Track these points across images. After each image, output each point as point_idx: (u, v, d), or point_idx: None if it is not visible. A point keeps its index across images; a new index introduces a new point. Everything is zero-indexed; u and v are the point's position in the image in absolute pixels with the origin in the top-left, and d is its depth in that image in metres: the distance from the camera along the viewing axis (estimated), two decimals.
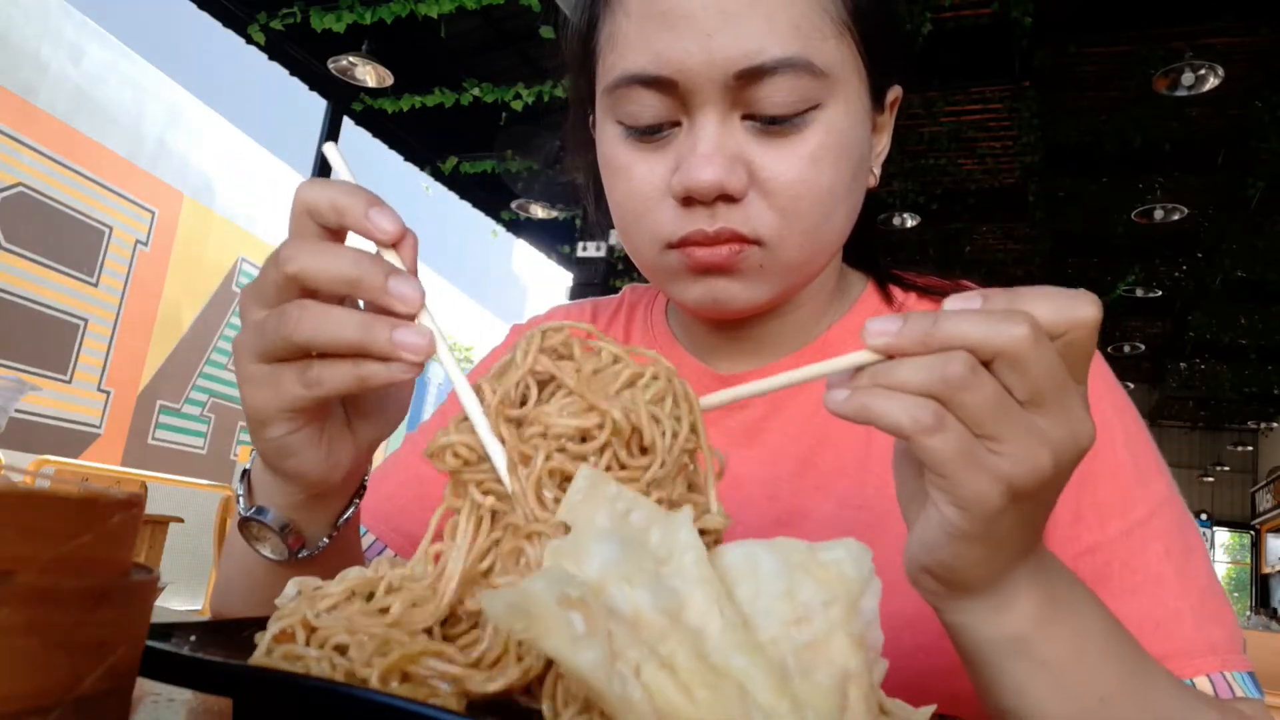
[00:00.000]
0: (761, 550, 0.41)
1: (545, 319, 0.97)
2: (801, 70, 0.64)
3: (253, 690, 0.37)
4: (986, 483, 0.43)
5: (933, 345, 0.43)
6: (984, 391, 0.42)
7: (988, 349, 0.42)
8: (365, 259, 0.51)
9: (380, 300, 0.51)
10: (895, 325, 0.43)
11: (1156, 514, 0.68)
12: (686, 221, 0.67)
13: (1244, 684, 0.62)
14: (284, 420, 0.55)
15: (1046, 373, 0.42)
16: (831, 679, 0.38)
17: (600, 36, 0.71)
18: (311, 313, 0.51)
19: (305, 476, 0.59)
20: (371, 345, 0.50)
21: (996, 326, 0.42)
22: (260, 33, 5.64)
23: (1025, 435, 0.43)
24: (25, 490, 0.26)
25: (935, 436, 0.42)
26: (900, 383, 0.43)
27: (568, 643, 0.32)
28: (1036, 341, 0.42)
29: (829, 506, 0.75)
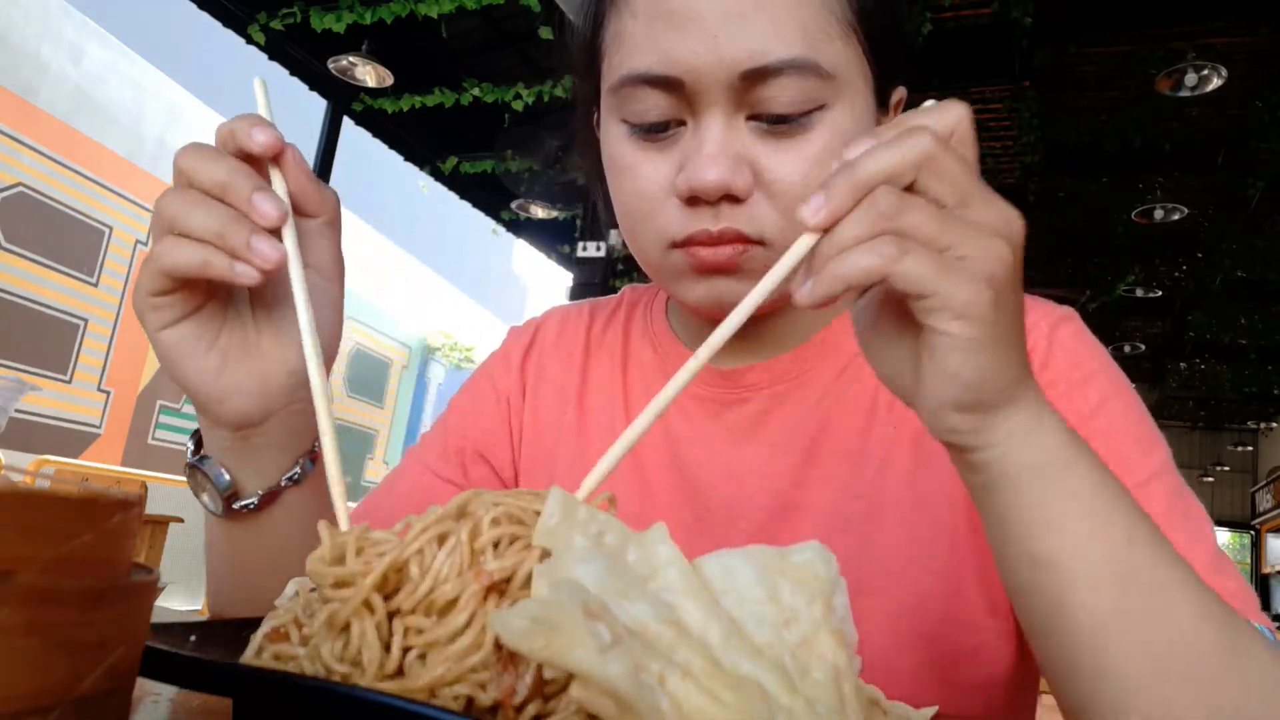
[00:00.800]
0: (735, 560, 0.41)
1: (542, 320, 0.97)
2: (807, 71, 0.64)
3: (253, 690, 0.37)
4: (970, 283, 0.44)
5: (860, 191, 0.45)
6: (920, 208, 0.44)
7: (907, 169, 0.45)
8: (239, 168, 0.56)
9: (243, 208, 0.55)
10: (821, 196, 0.45)
11: (1156, 478, 0.67)
12: (691, 221, 0.68)
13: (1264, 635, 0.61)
14: (153, 308, 0.59)
15: (960, 171, 0.45)
16: (826, 675, 0.38)
17: (606, 36, 0.72)
18: (185, 196, 0.56)
19: (198, 392, 0.61)
20: (226, 238, 0.54)
21: (903, 147, 0.45)
22: (260, 33, 5.64)
23: (974, 231, 0.45)
24: (25, 490, 0.26)
25: (907, 259, 0.43)
26: (849, 239, 0.44)
27: (596, 654, 0.30)
28: (939, 144, 0.45)
29: (828, 497, 0.75)
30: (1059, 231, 7.65)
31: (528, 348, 0.94)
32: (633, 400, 0.86)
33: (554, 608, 0.31)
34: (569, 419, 0.88)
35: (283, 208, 0.56)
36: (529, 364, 0.93)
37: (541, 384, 0.91)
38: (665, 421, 0.83)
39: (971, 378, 0.46)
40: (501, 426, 0.91)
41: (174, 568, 6.65)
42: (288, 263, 0.55)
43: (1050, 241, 7.78)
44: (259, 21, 5.59)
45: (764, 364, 0.80)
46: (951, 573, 0.72)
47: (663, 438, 0.83)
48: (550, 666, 0.32)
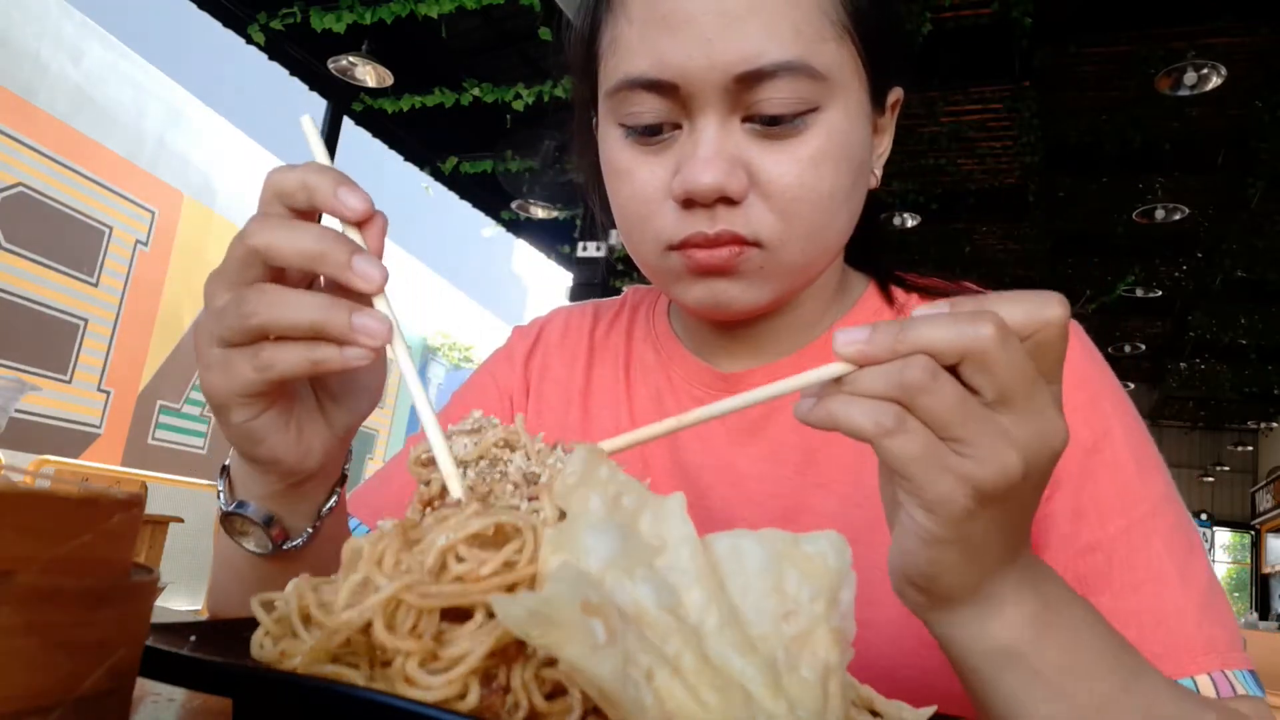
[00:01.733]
0: (748, 542, 0.41)
1: (546, 321, 0.97)
2: (801, 73, 0.64)
3: (253, 690, 0.37)
4: (951, 483, 0.43)
5: (900, 350, 0.43)
6: (944, 393, 0.42)
7: (953, 351, 0.42)
8: (330, 235, 0.51)
9: (343, 276, 0.50)
10: (864, 334, 0.44)
11: (1157, 511, 0.67)
12: (687, 224, 0.68)
13: (1245, 682, 0.62)
14: (242, 405, 0.55)
15: (1013, 373, 0.43)
16: (814, 673, 0.38)
17: (603, 40, 0.72)
18: (270, 295, 0.51)
19: (279, 464, 0.59)
20: (329, 327, 0.50)
21: (961, 329, 0.42)
22: (260, 33, 5.64)
23: (991, 436, 0.43)
24: (25, 490, 0.26)
25: (896, 439, 0.43)
26: (863, 388, 0.44)
27: (589, 652, 0.31)
28: (1002, 341, 0.42)
29: (830, 503, 0.75)
30: (1059, 231, 7.65)
31: (531, 347, 0.94)
32: (636, 402, 0.86)
33: (553, 603, 0.32)
34: (573, 420, 0.88)
35: (384, 268, 0.51)
36: (533, 363, 0.93)
37: (545, 384, 0.92)
38: None
39: (925, 568, 0.47)
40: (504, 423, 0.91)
41: (174, 568, 6.66)
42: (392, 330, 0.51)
43: (1050, 241, 7.78)
44: (259, 21, 5.59)
45: (765, 367, 0.80)
46: None
47: (665, 440, 0.83)
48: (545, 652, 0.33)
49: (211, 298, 0.54)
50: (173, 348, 8.06)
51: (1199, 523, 16.95)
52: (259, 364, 0.52)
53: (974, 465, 0.43)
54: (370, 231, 0.54)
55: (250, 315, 0.51)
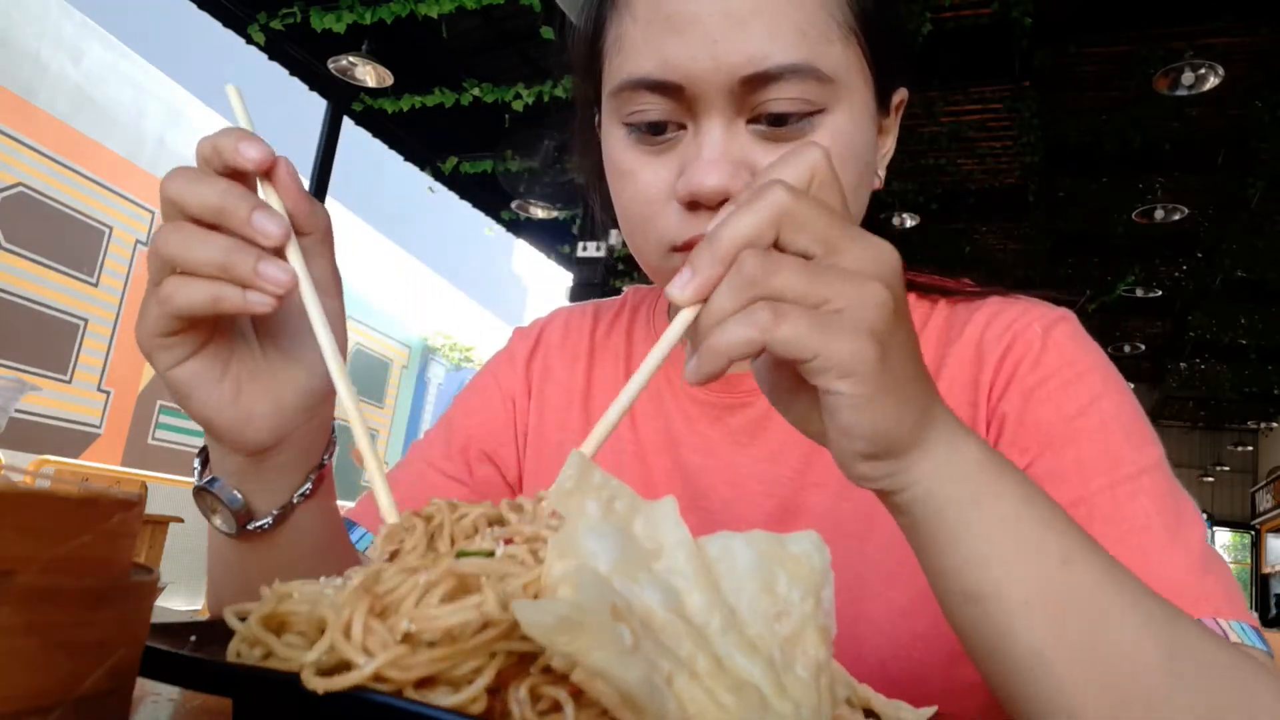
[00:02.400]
0: (737, 543, 0.41)
1: (547, 322, 0.97)
2: (807, 76, 0.64)
3: (253, 690, 0.37)
4: (850, 338, 0.43)
5: (724, 259, 0.44)
6: (786, 266, 0.43)
7: (764, 228, 0.44)
8: (233, 189, 0.53)
9: (243, 230, 0.52)
10: (687, 272, 0.45)
11: (1146, 474, 0.65)
12: (691, 225, 0.68)
13: (1244, 633, 0.59)
14: (161, 348, 0.56)
15: (821, 218, 0.44)
16: (808, 672, 0.38)
17: (607, 40, 0.72)
18: (182, 231, 0.53)
19: (212, 424, 0.59)
20: (233, 268, 0.52)
21: (758, 207, 0.44)
22: (260, 33, 5.64)
23: (846, 280, 0.44)
24: (25, 490, 0.26)
25: (782, 325, 0.43)
26: (721, 312, 0.44)
27: (617, 657, 0.31)
28: (795, 195, 0.44)
29: (826, 501, 0.76)
30: (1059, 231, 7.65)
31: (533, 348, 0.94)
32: (636, 402, 0.86)
33: (583, 609, 0.31)
34: (574, 420, 0.88)
35: (284, 224, 0.53)
36: (534, 364, 0.93)
37: (547, 385, 0.92)
38: (667, 424, 0.83)
39: (869, 430, 0.46)
40: (506, 426, 0.91)
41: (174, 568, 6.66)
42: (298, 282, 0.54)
43: (1050, 241, 7.78)
44: (259, 21, 5.59)
45: None
46: None
47: (665, 441, 0.83)
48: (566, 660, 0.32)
49: None
50: None
51: None
52: (161, 297, 0.53)
53: (853, 312, 0.44)
54: (279, 184, 0.56)
55: (159, 248, 0.53)
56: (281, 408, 0.61)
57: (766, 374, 0.52)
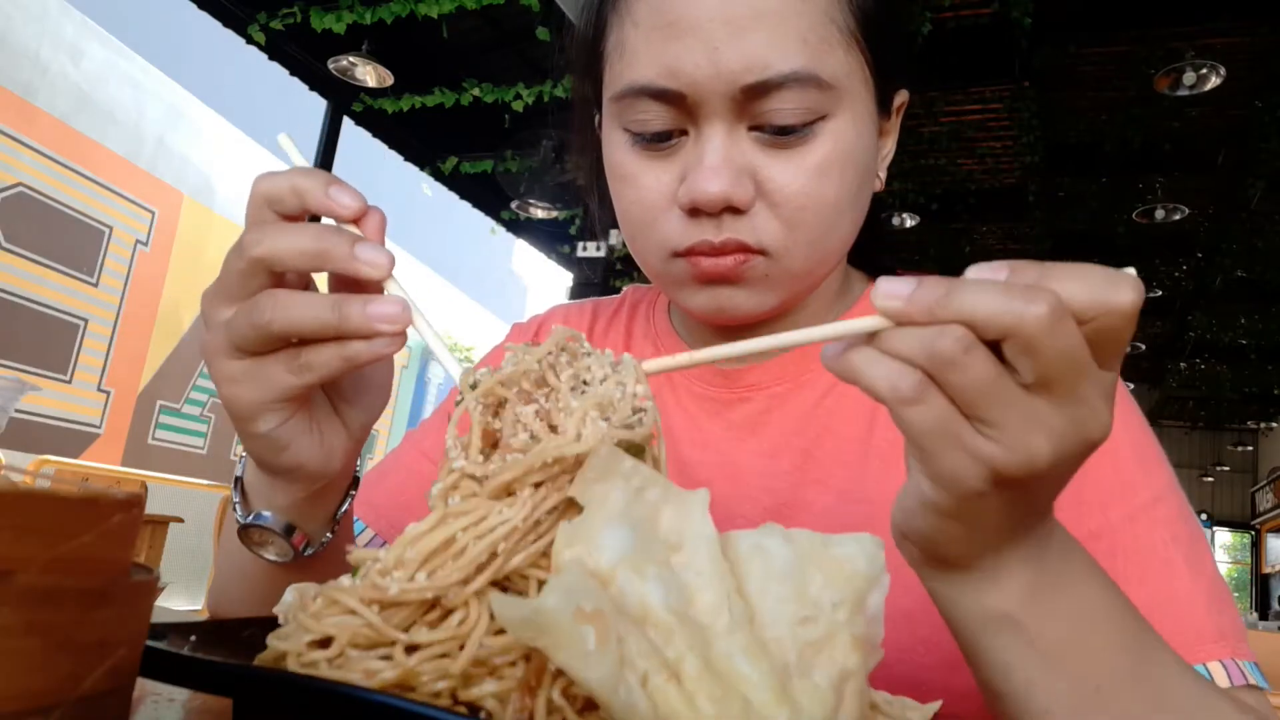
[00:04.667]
0: (774, 541, 0.41)
1: (546, 318, 0.97)
2: (808, 83, 0.64)
3: (253, 690, 0.37)
4: (965, 463, 0.41)
5: (939, 316, 0.39)
6: (975, 371, 0.39)
7: (996, 328, 0.39)
8: (329, 230, 0.51)
9: (349, 267, 0.51)
10: (906, 289, 0.40)
11: (1161, 500, 0.67)
12: (693, 231, 0.68)
13: (1253, 672, 0.61)
14: (273, 412, 0.55)
15: (1062, 358, 0.39)
16: (828, 679, 0.38)
17: (608, 43, 0.72)
18: (284, 300, 0.51)
19: (302, 469, 0.59)
20: (348, 322, 0.50)
21: (1011, 304, 0.38)
22: (260, 33, 5.64)
23: (1022, 421, 0.40)
24: (25, 490, 0.26)
25: (912, 409, 0.40)
26: (891, 349, 0.41)
27: (579, 658, 0.32)
28: (1053, 326, 0.38)
29: (827, 499, 0.75)
30: (1059, 231, 7.65)
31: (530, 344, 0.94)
32: None
33: (544, 613, 0.33)
34: None
35: (390, 254, 0.51)
36: None
37: None
38: (665, 418, 0.83)
39: (925, 532, 0.45)
40: None
41: (174, 568, 6.67)
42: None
43: (1050, 241, 7.78)
44: (259, 21, 5.59)
45: (765, 364, 0.80)
46: None
47: (663, 434, 0.83)
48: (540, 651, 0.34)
49: (214, 312, 0.54)
50: (173, 348, 8.05)
51: None
52: (295, 367, 0.52)
53: (995, 449, 0.40)
54: (368, 225, 0.54)
55: (269, 322, 0.50)
56: (350, 444, 0.61)
57: None
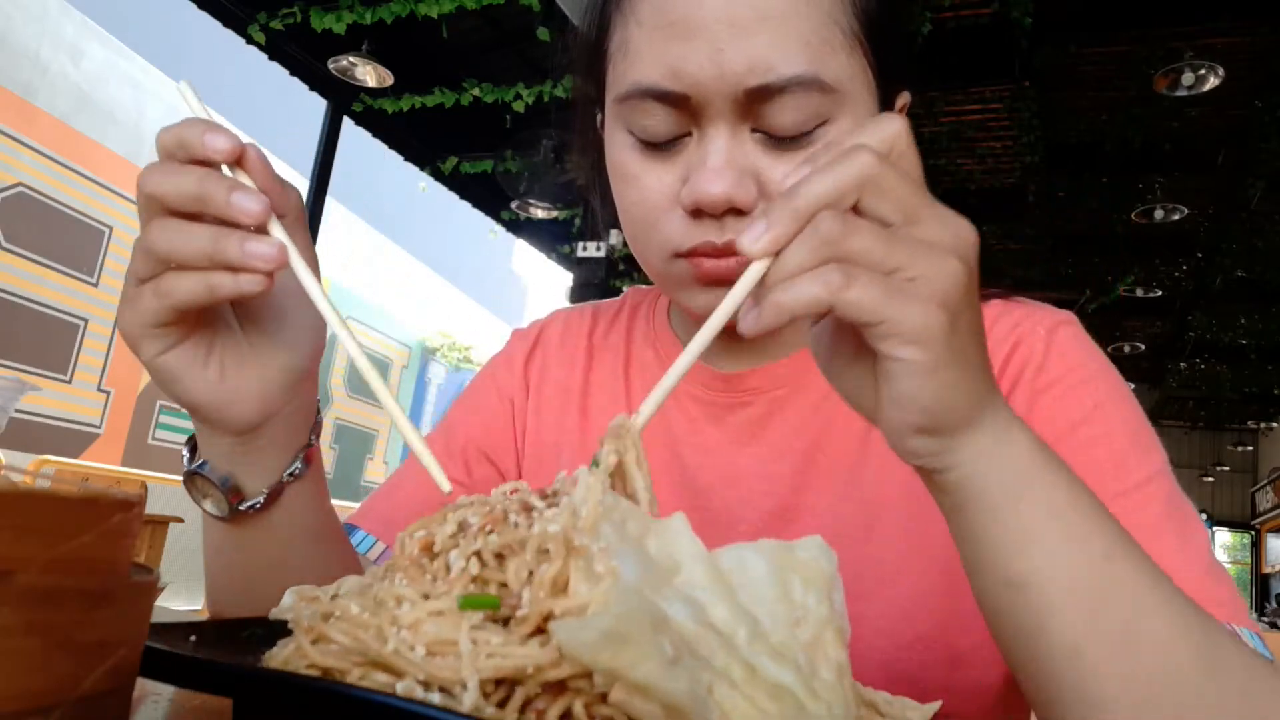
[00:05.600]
0: (749, 553, 0.41)
1: (546, 323, 0.98)
2: (811, 87, 0.64)
3: (253, 690, 0.37)
4: (921, 306, 0.43)
5: (802, 214, 0.43)
6: (864, 231, 0.43)
7: (846, 190, 0.43)
8: (209, 176, 0.53)
9: (224, 213, 0.53)
10: (762, 223, 0.44)
11: (1154, 481, 0.66)
12: (695, 233, 0.68)
13: (1252, 640, 0.60)
14: (150, 338, 0.57)
15: (905, 187, 0.44)
16: (832, 674, 0.38)
17: (611, 43, 0.72)
18: (167, 226, 0.53)
19: (200, 408, 0.60)
20: (222, 254, 0.52)
21: (843, 168, 0.43)
22: (260, 33, 5.63)
23: (924, 251, 0.44)
24: (25, 490, 0.26)
25: (853, 287, 0.42)
26: (794, 268, 0.43)
27: (663, 669, 0.30)
28: (880, 161, 0.44)
29: (826, 501, 0.76)
30: (1059, 231, 7.65)
31: (531, 350, 0.94)
32: (635, 402, 0.87)
33: (628, 620, 0.31)
34: (571, 420, 0.88)
35: (263, 200, 0.54)
36: (532, 366, 0.93)
37: (545, 385, 0.92)
38: (667, 424, 0.83)
39: (929, 402, 0.46)
40: (505, 427, 0.91)
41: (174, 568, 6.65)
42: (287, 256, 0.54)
43: (1050, 241, 7.78)
44: (259, 21, 5.58)
45: (765, 368, 0.80)
46: (948, 576, 0.72)
47: (664, 440, 0.83)
48: (608, 678, 0.31)
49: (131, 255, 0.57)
50: None
51: None
52: (159, 290, 0.54)
53: (927, 283, 0.43)
54: (250, 168, 0.56)
55: (149, 246, 0.54)
56: (266, 386, 0.62)
57: (825, 341, 0.51)
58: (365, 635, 0.37)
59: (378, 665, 0.36)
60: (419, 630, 0.36)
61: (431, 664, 0.35)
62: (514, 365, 0.94)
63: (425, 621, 0.36)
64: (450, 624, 0.36)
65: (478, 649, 0.35)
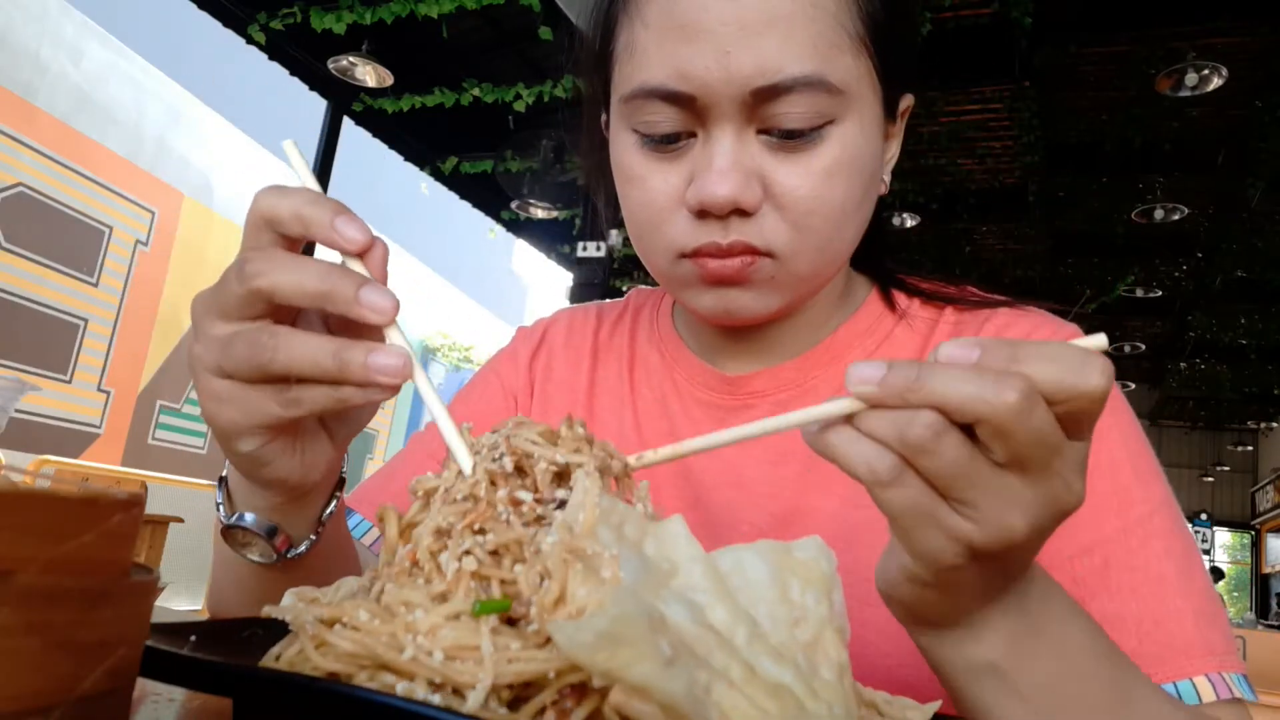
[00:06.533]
0: (747, 555, 0.41)
1: (550, 322, 0.98)
2: (817, 88, 0.64)
3: (253, 690, 0.37)
4: (942, 542, 0.42)
5: (911, 400, 0.40)
6: (948, 456, 0.40)
7: (968, 413, 0.39)
8: (335, 270, 0.49)
9: (353, 312, 0.49)
10: (878, 373, 0.41)
11: (1156, 514, 0.67)
12: (700, 233, 0.68)
13: (1240, 685, 0.62)
14: (257, 436, 0.54)
15: (1034, 440, 0.40)
16: (833, 674, 0.38)
17: (617, 44, 0.72)
18: (285, 339, 0.49)
19: (283, 483, 0.59)
20: (347, 371, 0.48)
21: (983, 390, 0.39)
22: (260, 33, 5.64)
23: (996, 500, 0.41)
24: (25, 490, 0.26)
25: (889, 490, 0.42)
26: (866, 430, 0.42)
27: (660, 669, 0.30)
28: (1026, 411, 0.39)
29: (831, 505, 0.75)
30: (1059, 231, 7.65)
31: (535, 348, 0.95)
32: (640, 404, 0.87)
33: (624, 622, 0.30)
34: None
35: (393, 296, 0.49)
36: (537, 364, 0.94)
37: (549, 384, 0.92)
38: (671, 425, 0.84)
39: (905, 599, 0.47)
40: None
41: (174, 568, 6.66)
42: None
43: (1050, 241, 7.78)
44: (259, 21, 5.58)
45: (769, 370, 0.80)
46: None
47: (668, 442, 0.83)
48: (606, 679, 0.31)
49: (206, 325, 0.52)
50: (173, 348, 8.06)
51: (1198, 523, 16.96)
52: (285, 401, 0.51)
53: (972, 528, 0.41)
54: (372, 260, 0.52)
55: (270, 361, 0.49)
56: (334, 454, 0.61)
57: None
58: (373, 642, 0.36)
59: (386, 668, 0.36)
60: (436, 636, 0.36)
61: (451, 668, 0.34)
62: (519, 361, 0.94)
63: (442, 626, 0.36)
64: (468, 628, 0.36)
65: (499, 654, 0.34)
